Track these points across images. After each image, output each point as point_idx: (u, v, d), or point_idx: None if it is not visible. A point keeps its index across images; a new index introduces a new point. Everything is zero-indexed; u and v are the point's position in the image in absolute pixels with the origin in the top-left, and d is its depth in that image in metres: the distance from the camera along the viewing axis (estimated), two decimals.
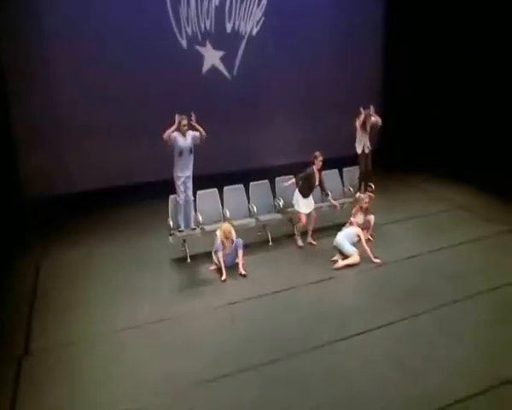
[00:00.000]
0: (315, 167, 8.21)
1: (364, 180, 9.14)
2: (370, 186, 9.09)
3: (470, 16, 11.15)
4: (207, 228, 8.09)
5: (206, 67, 11.54)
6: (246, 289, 7.08)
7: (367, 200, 8.25)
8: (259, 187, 8.75)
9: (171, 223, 7.92)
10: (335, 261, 7.62)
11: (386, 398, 4.90)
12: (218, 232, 7.59)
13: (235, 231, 7.65)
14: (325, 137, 11.18)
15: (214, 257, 7.58)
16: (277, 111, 12.14)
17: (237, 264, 7.52)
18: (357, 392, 5.01)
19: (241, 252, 7.51)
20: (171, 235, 7.97)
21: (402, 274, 7.41)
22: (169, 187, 8.11)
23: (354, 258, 7.54)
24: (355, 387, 5.07)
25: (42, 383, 5.17)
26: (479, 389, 4.96)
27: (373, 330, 6.02)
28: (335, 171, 9.28)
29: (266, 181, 8.85)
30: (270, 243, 8.50)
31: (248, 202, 8.60)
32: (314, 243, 8.44)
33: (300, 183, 8.22)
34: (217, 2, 11.21)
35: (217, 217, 8.31)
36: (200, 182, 8.22)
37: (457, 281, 7.11)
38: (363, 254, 7.65)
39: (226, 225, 7.61)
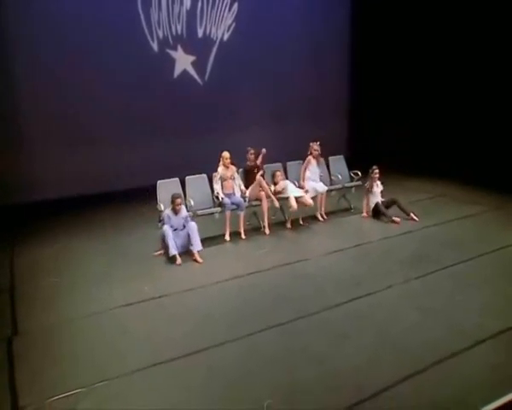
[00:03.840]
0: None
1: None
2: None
3: (437, 26, 11.94)
4: (200, 212, 7.82)
5: (177, 71, 11.55)
6: (242, 265, 6.90)
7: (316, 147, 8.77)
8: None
9: (162, 206, 7.58)
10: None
11: (419, 339, 4.88)
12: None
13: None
14: (294, 142, 11.24)
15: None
16: (249, 117, 12.26)
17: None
18: (389, 336, 4.96)
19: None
20: (159, 221, 7.62)
21: (403, 245, 7.53)
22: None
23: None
24: (385, 333, 5.03)
25: (37, 362, 4.73)
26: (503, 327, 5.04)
27: (390, 288, 6.02)
28: (321, 160, 9.34)
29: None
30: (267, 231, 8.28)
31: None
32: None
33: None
34: (188, 7, 11.37)
35: (207, 202, 8.07)
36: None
37: (457, 247, 7.32)
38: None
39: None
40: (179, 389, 4.23)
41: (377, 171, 8.65)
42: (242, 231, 8.05)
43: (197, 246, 7.21)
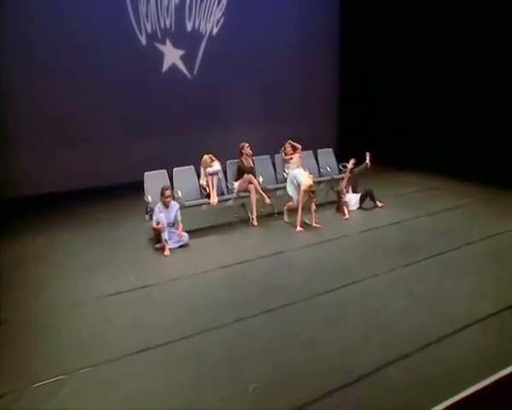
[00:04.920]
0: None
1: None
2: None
3: (428, 19, 11.95)
4: (187, 203, 7.76)
5: (166, 65, 11.47)
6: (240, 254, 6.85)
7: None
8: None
9: (149, 198, 7.52)
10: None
11: (408, 324, 4.87)
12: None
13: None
14: (284, 138, 11.18)
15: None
16: (238, 113, 12.19)
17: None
18: (377, 321, 4.95)
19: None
20: (147, 213, 7.57)
21: (392, 235, 7.54)
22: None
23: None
24: (374, 318, 5.02)
25: (21, 349, 4.67)
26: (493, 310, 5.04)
27: (378, 276, 6.04)
28: (310, 152, 9.33)
29: None
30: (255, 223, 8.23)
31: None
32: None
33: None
34: (177, 0, 11.30)
35: (195, 194, 8.02)
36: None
37: (447, 237, 7.34)
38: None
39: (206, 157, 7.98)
40: (165, 375, 4.17)
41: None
42: None
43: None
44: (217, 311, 5.30)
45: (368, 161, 8.84)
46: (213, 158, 8.06)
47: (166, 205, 7.20)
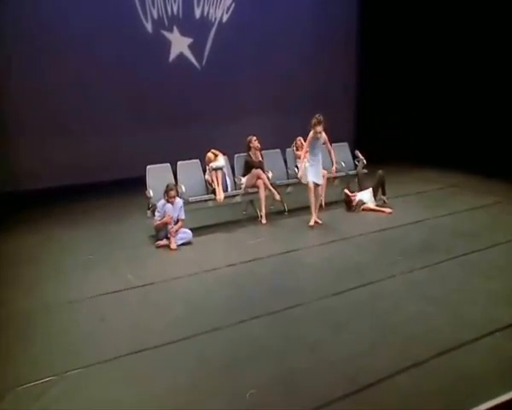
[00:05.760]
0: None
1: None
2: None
3: (449, 12, 11.82)
4: (191, 199, 7.73)
5: (173, 54, 11.46)
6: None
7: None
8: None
9: (151, 192, 7.49)
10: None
11: (421, 329, 4.75)
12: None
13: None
14: (296, 131, 11.11)
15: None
16: (249, 104, 12.12)
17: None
18: (388, 325, 4.85)
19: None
20: (149, 209, 7.54)
21: (410, 235, 7.41)
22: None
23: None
24: (385, 322, 4.92)
25: (9, 349, 4.69)
26: None
27: (393, 277, 5.92)
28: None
29: None
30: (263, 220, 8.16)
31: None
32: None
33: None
34: None
35: (200, 189, 7.99)
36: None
37: (469, 237, 7.20)
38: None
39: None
40: (160, 378, 4.13)
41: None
42: None
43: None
44: (218, 312, 5.26)
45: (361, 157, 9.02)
46: (217, 153, 8.03)
47: (172, 202, 7.19)
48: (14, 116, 9.94)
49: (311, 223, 7.79)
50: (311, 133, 7.75)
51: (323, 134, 7.82)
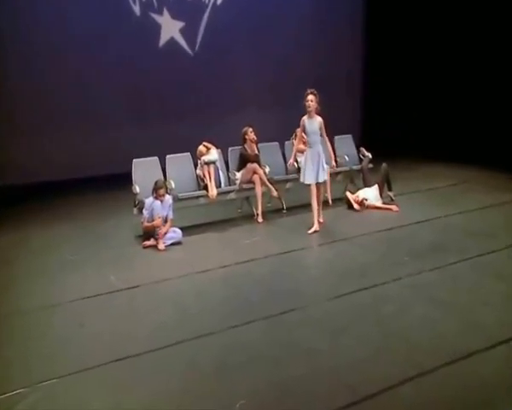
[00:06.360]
0: None
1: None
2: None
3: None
4: (181, 195, 7.67)
5: (163, 39, 11.40)
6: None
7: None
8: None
9: (137, 188, 7.43)
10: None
11: (429, 335, 4.68)
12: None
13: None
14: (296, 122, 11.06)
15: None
16: (245, 94, 12.09)
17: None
18: (393, 331, 4.77)
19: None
20: (135, 206, 7.48)
21: (419, 234, 7.37)
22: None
23: None
24: (389, 327, 4.84)
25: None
26: None
27: (400, 279, 5.84)
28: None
29: None
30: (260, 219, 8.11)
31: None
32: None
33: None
34: None
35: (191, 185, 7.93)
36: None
37: (482, 238, 7.13)
38: None
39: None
40: (144, 387, 4.02)
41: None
42: None
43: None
44: (210, 316, 5.17)
45: (367, 153, 9.03)
46: (209, 146, 7.96)
47: (161, 200, 7.13)
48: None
49: (311, 231, 7.41)
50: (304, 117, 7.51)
51: (319, 118, 7.50)
